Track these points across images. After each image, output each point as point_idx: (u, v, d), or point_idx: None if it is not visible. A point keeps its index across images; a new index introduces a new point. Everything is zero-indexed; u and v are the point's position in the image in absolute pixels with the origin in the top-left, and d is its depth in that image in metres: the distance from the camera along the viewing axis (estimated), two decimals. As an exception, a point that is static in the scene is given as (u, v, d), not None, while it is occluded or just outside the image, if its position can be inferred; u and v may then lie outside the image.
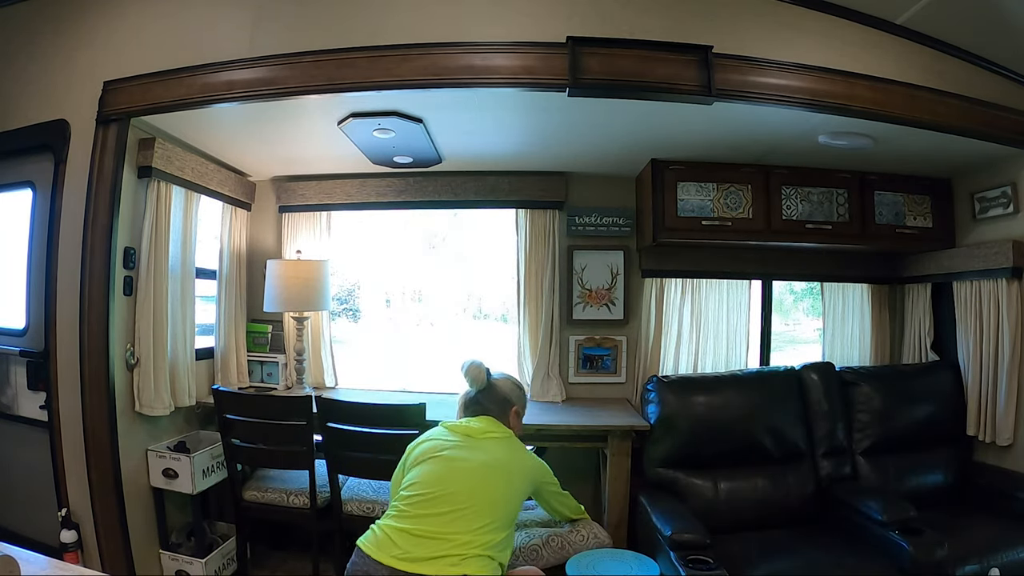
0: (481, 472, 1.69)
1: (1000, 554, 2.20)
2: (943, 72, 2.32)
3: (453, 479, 1.67)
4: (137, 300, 2.44)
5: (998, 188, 2.67)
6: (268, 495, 2.55)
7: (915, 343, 3.15)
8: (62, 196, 2.35)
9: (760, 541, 2.34)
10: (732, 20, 2.16)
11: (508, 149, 2.83)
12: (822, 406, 2.73)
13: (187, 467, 2.44)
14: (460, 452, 1.74)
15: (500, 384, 1.95)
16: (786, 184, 2.83)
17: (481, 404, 1.90)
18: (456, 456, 1.73)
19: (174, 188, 2.57)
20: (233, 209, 3.10)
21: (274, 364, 3.20)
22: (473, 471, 1.68)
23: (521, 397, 1.99)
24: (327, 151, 2.87)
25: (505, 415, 1.90)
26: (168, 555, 2.53)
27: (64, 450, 2.32)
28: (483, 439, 1.78)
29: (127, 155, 2.34)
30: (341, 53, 2.08)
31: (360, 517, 2.43)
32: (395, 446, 2.30)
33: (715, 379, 2.81)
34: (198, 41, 2.25)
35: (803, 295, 4.04)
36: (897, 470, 2.68)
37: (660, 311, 3.13)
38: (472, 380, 1.92)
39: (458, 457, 1.72)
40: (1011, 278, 2.57)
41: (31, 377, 2.43)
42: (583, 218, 3.17)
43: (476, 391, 1.92)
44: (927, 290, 3.10)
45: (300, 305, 2.96)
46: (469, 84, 2.06)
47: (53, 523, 2.29)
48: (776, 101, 2.13)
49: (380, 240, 3.76)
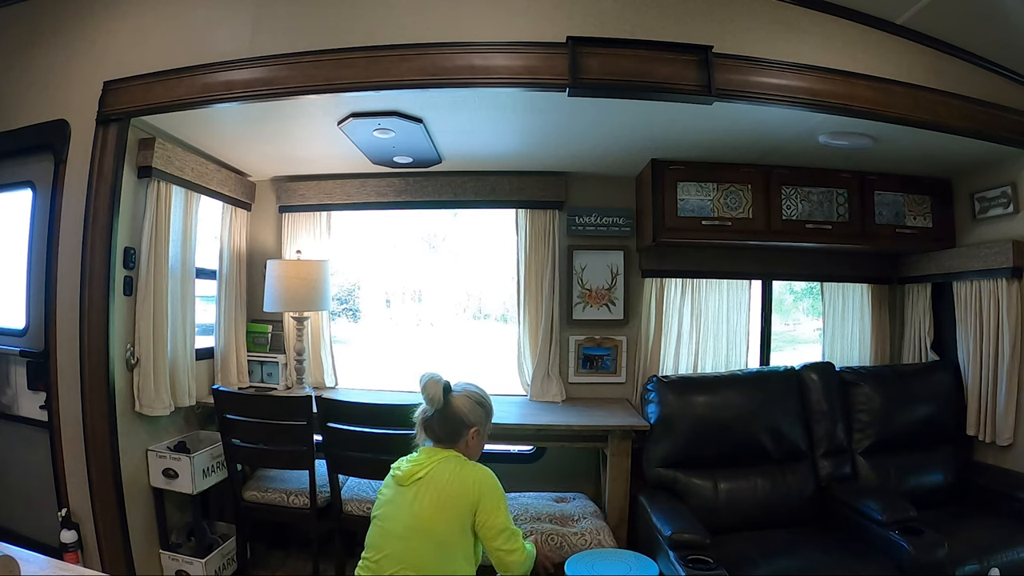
0: (406, 528, 1.61)
1: (1000, 554, 2.20)
2: (943, 72, 2.32)
3: (386, 542, 1.63)
4: (137, 300, 2.44)
5: (998, 188, 2.67)
6: (268, 495, 2.55)
7: (915, 343, 3.15)
8: (62, 196, 2.35)
9: (760, 541, 2.34)
10: (732, 20, 2.16)
11: (508, 149, 2.82)
12: (822, 406, 2.73)
13: (187, 467, 2.44)
14: (389, 509, 1.68)
15: (457, 402, 1.73)
16: (786, 184, 2.83)
17: (432, 429, 1.73)
18: (386, 515, 1.67)
19: (174, 188, 2.56)
20: (233, 209, 3.10)
21: (274, 364, 3.20)
22: (401, 530, 1.62)
23: (483, 416, 1.78)
24: (327, 151, 2.87)
25: (459, 438, 1.73)
26: (168, 555, 2.53)
27: (64, 450, 2.31)
28: (410, 484, 1.64)
29: (127, 155, 2.34)
30: (340, 53, 2.08)
31: (360, 517, 2.43)
32: (395, 446, 2.30)
33: (715, 379, 2.81)
34: (198, 41, 2.25)
35: (803, 295, 4.04)
36: (897, 470, 2.68)
37: (660, 311, 3.13)
38: (428, 399, 1.72)
39: (388, 516, 1.67)
40: (1011, 278, 2.57)
41: (31, 377, 2.43)
42: (583, 218, 3.17)
43: (432, 411, 1.73)
44: (927, 290, 3.09)
45: (300, 305, 2.96)
46: (469, 84, 2.06)
47: (53, 523, 2.29)
48: (776, 101, 2.13)
49: (380, 240, 3.76)
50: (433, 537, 1.59)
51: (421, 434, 1.77)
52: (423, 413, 1.76)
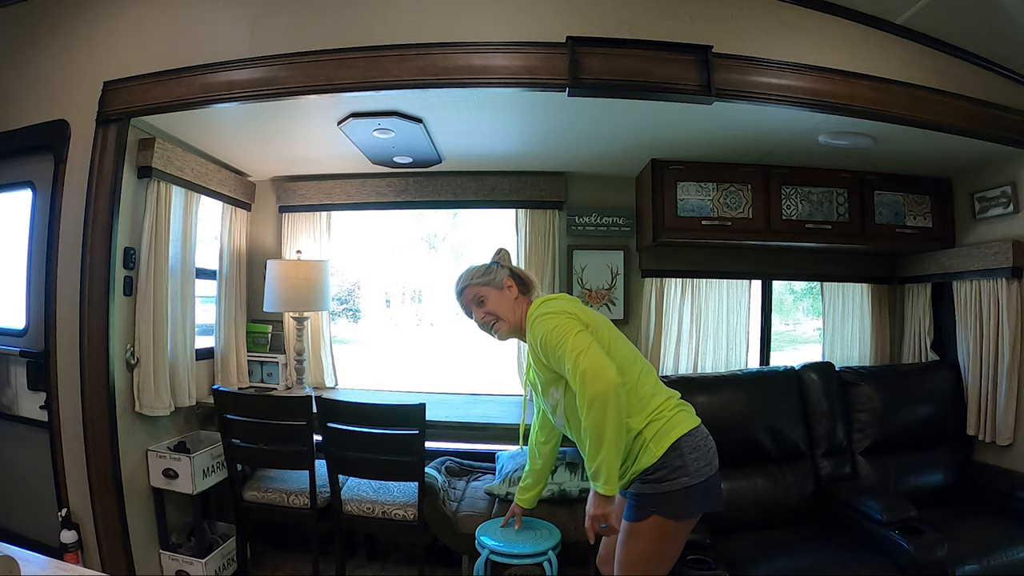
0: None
1: (1000, 554, 2.20)
2: (943, 72, 2.32)
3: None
4: (137, 300, 2.44)
5: (998, 188, 2.67)
6: (268, 495, 2.55)
7: (915, 343, 3.15)
8: (62, 196, 2.35)
9: (760, 541, 2.33)
10: (732, 20, 2.16)
11: (508, 149, 2.83)
12: (822, 406, 2.73)
13: (187, 467, 2.44)
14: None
15: (467, 295, 1.83)
16: (786, 184, 2.83)
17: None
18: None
19: (174, 188, 2.57)
20: (233, 209, 3.10)
21: (274, 364, 3.20)
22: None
23: (488, 270, 1.83)
24: (327, 151, 2.87)
25: (502, 295, 1.80)
26: (168, 555, 2.53)
27: (64, 450, 2.32)
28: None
29: (127, 155, 2.34)
30: (341, 53, 2.08)
31: (360, 517, 2.44)
32: (395, 446, 2.31)
33: (715, 379, 2.81)
34: (198, 41, 2.25)
35: (803, 295, 4.05)
36: (897, 470, 2.67)
37: (660, 311, 3.13)
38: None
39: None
40: (1011, 278, 2.57)
41: (31, 377, 2.43)
42: (583, 218, 3.17)
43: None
44: (927, 290, 3.09)
45: (300, 305, 2.96)
46: (469, 84, 2.06)
47: (53, 523, 2.29)
48: (776, 101, 2.13)
49: (380, 240, 3.77)
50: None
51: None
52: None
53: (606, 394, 1.47)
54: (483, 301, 1.80)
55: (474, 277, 1.82)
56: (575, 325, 1.59)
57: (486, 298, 1.79)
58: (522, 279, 1.85)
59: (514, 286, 1.82)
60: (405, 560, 2.85)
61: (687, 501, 1.56)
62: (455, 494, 2.66)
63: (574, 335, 1.55)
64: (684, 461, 1.58)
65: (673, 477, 1.55)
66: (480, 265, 1.86)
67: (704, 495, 1.59)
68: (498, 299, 1.79)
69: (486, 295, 1.79)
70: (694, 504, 1.58)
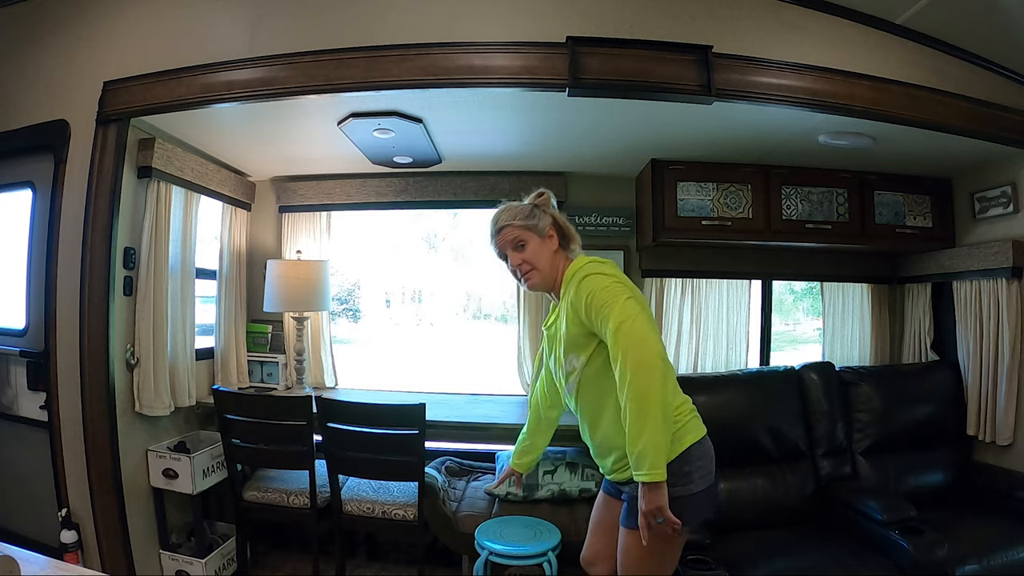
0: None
1: (1000, 554, 2.20)
2: (943, 72, 2.32)
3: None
4: (137, 300, 2.44)
5: (998, 188, 2.67)
6: (268, 495, 2.55)
7: (915, 343, 3.15)
8: (62, 196, 2.35)
9: (760, 541, 2.33)
10: (732, 20, 2.16)
11: (508, 149, 2.82)
12: (822, 406, 2.72)
13: (187, 467, 2.44)
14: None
15: (506, 236, 1.67)
16: (786, 184, 2.83)
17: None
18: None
19: (174, 188, 2.57)
20: (233, 209, 3.10)
21: (274, 364, 3.20)
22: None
23: (532, 213, 1.67)
24: (327, 151, 2.87)
25: (544, 244, 1.65)
26: (168, 555, 2.53)
27: (64, 450, 2.32)
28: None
29: (127, 155, 2.34)
30: (340, 53, 2.09)
31: (360, 517, 2.44)
32: (395, 446, 2.31)
33: (715, 379, 2.81)
34: (198, 41, 2.25)
35: (803, 295, 4.05)
36: (897, 470, 2.67)
37: (660, 311, 3.13)
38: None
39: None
40: (1011, 278, 2.57)
41: (31, 377, 2.43)
42: (583, 218, 3.16)
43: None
44: (927, 290, 3.09)
45: (300, 305, 2.96)
46: (469, 84, 2.06)
47: (53, 523, 2.29)
48: (776, 101, 2.13)
49: (380, 240, 3.77)
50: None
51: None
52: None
53: (652, 363, 1.35)
54: (523, 245, 1.64)
55: (516, 217, 1.65)
56: (627, 291, 1.49)
57: (527, 243, 1.64)
58: (564, 232, 1.69)
59: (555, 236, 1.67)
60: (405, 560, 2.85)
61: (690, 509, 1.50)
62: (455, 494, 2.66)
63: (624, 299, 1.45)
64: (691, 468, 1.54)
65: (680, 484, 1.50)
66: (523, 204, 1.70)
67: (705, 503, 1.57)
68: (539, 247, 1.64)
69: (527, 240, 1.64)
70: (696, 512, 1.55)
